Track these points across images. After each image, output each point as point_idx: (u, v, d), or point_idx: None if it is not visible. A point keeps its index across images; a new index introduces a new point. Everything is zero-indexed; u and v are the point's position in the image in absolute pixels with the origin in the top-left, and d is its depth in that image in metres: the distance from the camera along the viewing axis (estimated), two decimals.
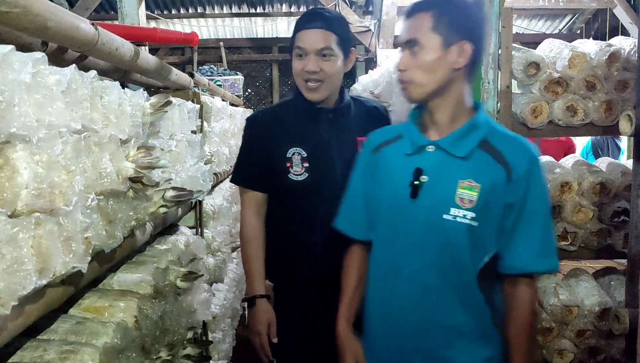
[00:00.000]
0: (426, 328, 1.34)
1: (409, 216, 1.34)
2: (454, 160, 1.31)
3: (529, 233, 1.29)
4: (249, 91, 7.27)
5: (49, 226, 0.74)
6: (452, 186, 1.29)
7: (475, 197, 1.27)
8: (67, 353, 0.85)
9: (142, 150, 1.07)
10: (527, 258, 1.30)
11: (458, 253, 1.30)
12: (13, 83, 0.66)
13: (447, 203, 1.29)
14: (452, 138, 1.32)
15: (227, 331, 2.65)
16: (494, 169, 1.28)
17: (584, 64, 2.24)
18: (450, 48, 1.27)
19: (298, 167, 1.64)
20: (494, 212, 1.29)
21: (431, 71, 1.28)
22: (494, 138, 1.32)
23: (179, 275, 1.41)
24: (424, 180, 1.32)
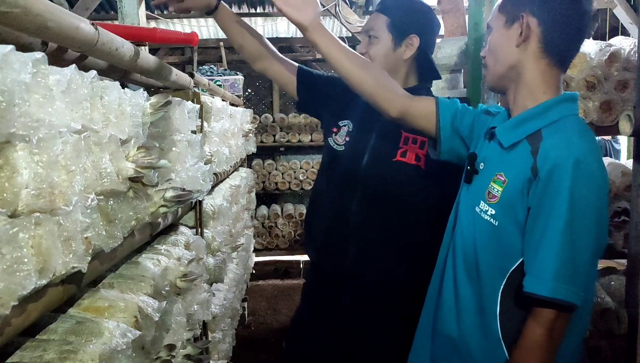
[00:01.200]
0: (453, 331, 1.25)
1: (462, 202, 1.28)
2: (500, 149, 1.19)
3: (534, 246, 1.08)
4: (249, 91, 7.26)
5: (49, 226, 0.74)
6: (490, 177, 1.18)
7: (500, 192, 1.14)
8: (67, 353, 0.85)
9: (142, 150, 1.07)
10: (528, 276, 1.09)
11: (478, 253, 1.18)
12: (13, 83, 0.66)
13: (479, 195, 1.19)
14: (507, 126, 1.19)
15: (227, 331, 2.65)
16: (524, 163, 1.11)
17: (583, 64, 2.24)
18: (513, 25, 1.14)
19: (340, 138, 1.60)
20: (518, 215, 1.11)
21: (496, 53, 1.17)
22: (550, 130, 1.12)
23: (179, 275, 1.41)
24: (481, 167, 1.23)
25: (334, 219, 1.58)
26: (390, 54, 1.56)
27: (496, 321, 1.15)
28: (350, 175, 1.56)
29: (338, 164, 1.60)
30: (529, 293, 1.08)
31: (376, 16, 1.57)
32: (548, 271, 1.05)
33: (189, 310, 1.51)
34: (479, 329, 1.19)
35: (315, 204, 1.68)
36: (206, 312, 1.72)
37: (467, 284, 1.22)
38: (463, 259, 1.23)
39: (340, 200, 1.55)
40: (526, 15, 1.13)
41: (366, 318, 1.56)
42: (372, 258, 1.53)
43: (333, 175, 1.61)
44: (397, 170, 1.53)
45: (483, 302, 1.18)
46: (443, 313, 1.29)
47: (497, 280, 1.15)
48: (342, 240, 1.54)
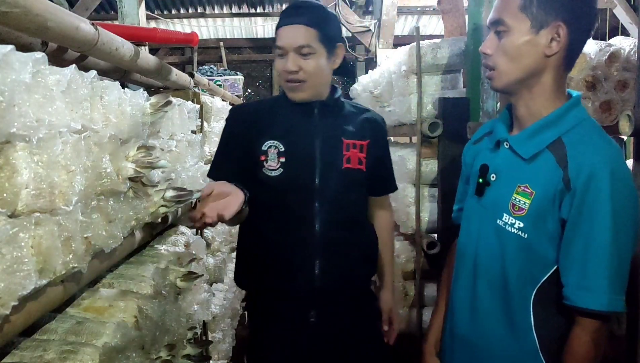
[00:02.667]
0: (472, 341, 1.24)
1: (474, 214, 1.25)
2: (519, 160, 1.15)
3: (578, 260, 1.06)
4: (249, 91, 7.26)
5: (49, 226, 0.74)
6: (511, 189, 1.14)
7: (527, 205, 1.11)
8: (67, 353, 0.85)
9: (142, 150, 1.07)
10: (573, 289, 1.08)
11: (506, 265, 1.16)
12: (13, 83, 0.66)
13: (501, 208, 1.16)
14: (523, 136, 1.15)
15: (227, 331, 2.65)
16: (552, 174, 1.09)
17: (583, 64, 2.24)
18: (541, 32, 1.08)
19: (273, 162, 1.49)
20: (550, 227, 1.10)
21: (517, 58, 1.10)
22: (570, 137, 1.10)
23: (179, 275, 1.41)
24: (493, 179, 1.20)
25: (295, 240, 1.50)
26: (326, 67, 1.50)
27: (532, 332, 1.14)
28: (304, 193, 1.50)
29: (282, 188, 1.50)
30: (582, 309, 1.07)
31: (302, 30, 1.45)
32: (602, 285, 1.05)
33: (189, 310, 1.51)
34: (512, 340, 1.18)
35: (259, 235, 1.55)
36: (206, 312, 1.72)
37: (490, 296, 1.21)
38: (485, 272, 1.21)
39: (299, 220, 1.49)
40: (559, 23, 1.08)
41: (336, 330, 1.55)
42: (339, 268, 1.52)
43: (278, 202, 1.51)
44: (346, 177, 1.53)
45: (512, 313, 1.17)
46: (459, 324, 1.29)
47: (527, 290, 1.15)
48: (307, 258, 1.49)
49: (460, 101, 2.40)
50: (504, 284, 1.17)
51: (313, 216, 1.49)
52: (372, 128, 1.61)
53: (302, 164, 1.51)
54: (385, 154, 1.68)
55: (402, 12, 6.60)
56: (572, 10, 1.09)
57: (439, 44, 2.61)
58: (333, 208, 1.51)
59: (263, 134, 1.52)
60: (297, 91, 1.50)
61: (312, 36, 1.45)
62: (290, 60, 1.45)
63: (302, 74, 1.46)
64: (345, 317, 1.56)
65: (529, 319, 1.14)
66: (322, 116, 1.55)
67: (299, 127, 1.53)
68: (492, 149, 1.24)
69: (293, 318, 1.53)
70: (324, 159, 1.51)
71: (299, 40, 1.44)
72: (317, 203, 1.50)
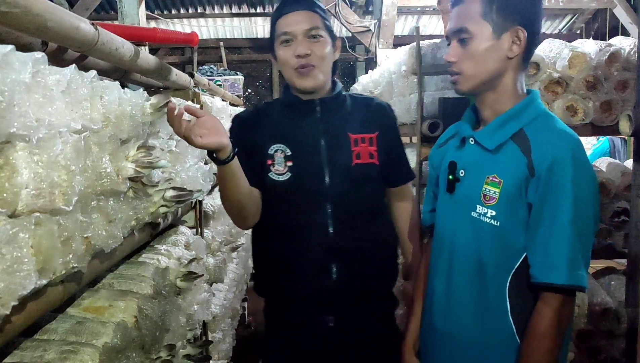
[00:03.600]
0: (449, 332, 1.28)
1: (447, 211, 1.30)
2: (486, 153, 1.22)
3: (543, 239, 1.14)
4: (249, 91, 7.27)
5: (49, 226, 0.74)
6: (480, 182, 1.21)
7: (497, 194, 1.18)
8: (67, 353, 0.85)
9: (142, 150, 1.07)
10: (537, 267, 1.15)
11: (482, 255, 1.21)
12: (13, 83, 0.66)
13: (474, 200, 1.22)
14: (487, 130, 1.23)
15: (227, 331, 2.65)
16: (518, 162, 1.16)
17: (584, 64, 2.25)
18: (503, 36, 1.17)
19: (280, 166, 1.46)
20: (520, 213, 1.17)
21: (482, 62, 1.18)
22: (532, 129, 1.19)
23: (179, 275, 1.41)
24: (462, 174, 1.26)
25: (310, 245, 1.46)
26: (331, 55, 1.49)
27: (508, 317, 1.19)
28: (315, 195, 1.46)
29: (292, 193, 1.46)
30: (544, 284, 1.13)
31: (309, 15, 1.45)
32: (562, 260, 1.12)
33: (189, 310, 1.51)
34: (488, 327, 1.22)
35: (273, 242, 1.52)
36: (206, 312, 1.72)
37: (466, 287, 1.25)
38: (462, 264, 1.26)
39: (312, 224, 1.45)
40: (519, 27, 1.16)
41: (355, 335, 1.52)
42: (357, 270, 1.48)
43: (289, 207, 1.47)
44: (358, 174, 1.48)
45: (488, 301, 1.21)
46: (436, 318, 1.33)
47: (503, 278, 1.20)
48: (323, 263, 1.46)
49: (460, 101, 2.40)
50: (480, 274, 1.22)
51: (326, 219, 1.45)
52: (380, 117, 1.56)
53: (310, 166, 1.47)
54: (396, 141, 1.62)
55: (402, 12, 6.61)
56: (528, 14, 1.18)
57: (439, 44, 2.61)
58: (346, 208, 1.47)
59: (268, 138, 1.49)
60: (308, 77, 1.45)
61: (319, 21, 1.45)
62: (301, 44, 1.42)
63: (313, 58, 1.43)
64: (364, 321, 1.52)
65: (505, 306, 1.19)
66: (325, 114, 1.51)
67: (304, 127, 1.50)
68: (458, 147, 1.31)
69: (311, 324, 1.50)
70: (332, 158, 1.47)
71: (309, 23, 1.42)
72: (329, 204, 1.45)
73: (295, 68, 1.44)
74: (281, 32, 1.45)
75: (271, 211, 1.50)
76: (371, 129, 1.52)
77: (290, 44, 1.43)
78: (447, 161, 1.32)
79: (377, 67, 4.14)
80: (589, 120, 2.26)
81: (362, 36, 6.10)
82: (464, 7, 1.20)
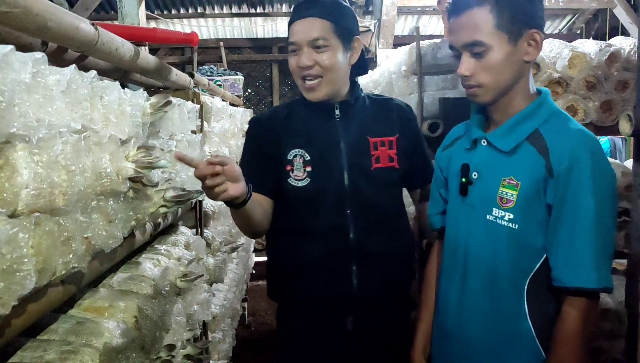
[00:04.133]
0: (464, 336, 1.26)
1: (460, 214, 1.27)
2: (500, 155, 1.20)
3: (565, 241, 1.11)
4: (249, 91, 7.26)
5: (49, 226, 0.74)
6: (496, 184, 1.18)
7: (515, 196, 1.15)
8: (67, 353, 0.85)
9: (142, 150, 1.07)
10: (562, 269, 1.12)
11: (498, 258, 1.19)
12: (13, 83, 0.66)
13: (489, 203, 1.19)
14: (501, 131, 1.20)
15: (227, 331, 2.65)
16: (535, 164, 1.14)
17: (584, 64, 2.25)
18: (518, 41, 1.14)
19: (299, 172, 1.44)
20: (538, 214, 1.15)
21: (502, 71, 1.15)
22: (547, 129, 1.16)
23: (179, 275, 1.41)
24: (475, 176, 1.24)
25: (330, 250, 1.45)
26: (343, 62, 1.43)
27: (527, 320, 1.17)
28: (335, 200, 1.44)
29: (311, 198, 1.45)
30: (572, 288, 1.11)
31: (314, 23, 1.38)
32: (590, 263, 1.10)
33: (189, 310, 1.51)
34: (506, 331, 1.20)
35: (292, 247, 1.50)
36: (206, 312, 1.72)
37: (481, 290, 1.23)
38: (477, 268, 1.23)
39: (333, 229, 1.44)
40: (534, 30, 1.14)
41: (374, 339, 1.51)
42: (377, 274, 1.47)
43: (309, 213, 1.46)
44: (378, 178, 1.47)
45: (506, 304, 1.19)
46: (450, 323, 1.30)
47: (520, 281, 1.18)
48: (343, 265, 1.45)
49: (460, 101, 2.40)
50: (496, 277, 1.20)
51: (346, 224, 1.44)
52: (399, 119, 1.53)
53: (329, 171, 1.45)
54: (418, 142, 1.58)
55: (402, 12, 6.60)
56: (538, 15, 1.16)
57: (439, 44, 2.61)
58: (366, 213, 1.46)
59: (287, 142, 1.47)
60: (314, 90, 1.43)
61: (326, 28, 1.38)
62: (305, 55, 1.39)
63: (317, 69, 1.39)
64: (382, 325, 1.51)
65: (522, 309, 1.17)
66: (344, 117, 1.48)
67: (322, 132, 1.47)
68: (468, 149, 1.28)
69: (330, 328, 1.49)
70: (352, 163, 1.45)
71: (312, 33, 1.37)
72: (349, 210, 1.44)
73: (302, 78, 1.43)
74: (289, 40, 1.43)
75: (291, 216, 1.49)
76: (390, 131, 1.50)
77: (297, 53, 1.41)
78: (455, 163, 1.30)
79: (377, 67, 4.14)
80: (589, 120, 2.26)
81: (362, 36, 6.09)
82: (470, 18, 1.15)
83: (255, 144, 1.54)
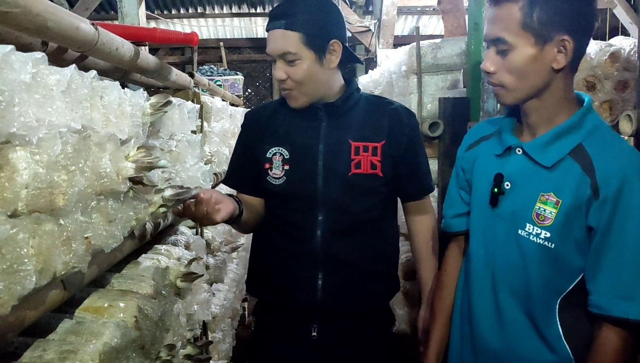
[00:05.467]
0: (502, 353, 1.21)
1: (488, 224, 1.20)
2: (539, 168, 1.12)
3: (612, 268, 1.05)
4: (249, 91, 7.26)
5: (49, 226, 0.74)
6: (532, 199, 1.11)
7: (554, 214, 1.08)
8: (67, 353, 0.85)
9: (142, 150, 1.07)
10: (606, 298, 1.06)
11: (530, 275, 1.13)
12: (13, 83, 0.66)
13: (523, 218, 1.12)
14: (540, 142, 1.12)
15: (227, 331, 2.65)
16: (580, 182, 1.06)
17: (584, 64, 2.25)
18: (546, 46, 1.05)
19: (277, 170, 1.42)
20: (577, 235, 1.08)
21: (525, 75, 1.08)
22: (592, 143, 1.08)
23: (179, 275, 1.41)
24: (507, 187, 1.16)
25: (297, 252, 1.43)
26: (318, 70, 1.38)
27: (562, 342, 1.13)
28: (307, 202, 1.41)
29: (285, 198, 1.44)
30: (619, 318, 1.06)
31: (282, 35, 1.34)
32: (638, 294, 1.05)
33: (189, 310, 1.51)
34: (545, 351, 1.15)
35: (266, 244, 1.51)
36: (206, 312, 1.72)
37: (514, 307, 1.18)
38: (506, 282, 1.19)
39: (301, 231, 1.42)
40: (564, 36, 1.05)
41: (339, 349, 1.47)
42: (344, 281, 1.42)
43: (282, 211, 1.45)
44: (355, 184, 1.41)
45: (538, 323, 1.15)
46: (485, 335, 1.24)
47: (552, 300, 1.13)
48: (309, 270, 1.41)
49: (461, 101, 2.40)
50: (527, 294, 1.15)
51: (315, 227, 1.41)
52: (391, 125, 1.45)
53: (304, 172, 1.42)
54: (411, 151, 1.48)
55: (402, 12, 6.60)
56: (575, 19, 1.06)
57: (439, 44, 2.61)
58: (338, 218, 1.41)
59: (269, 139, 1.45)
60: (291, 100, 1.42)
61: (294, 41, 1.33)
62: (278, 68, 1.38)
63: (289, 82, 1.37)
64: (348, 335, 1.47)
65: (556, 329, 1.13)
66: (328, 118, 1.44)
67: (303, 132, 1.44)
68: (500, 155, 1.20)
69: (294, 331, 1.47)
70: (328, 166, 1.41)
71: (281, 47, 1.34)
72: (320, 213, 1.41)
73: (280, 88, 1.43)
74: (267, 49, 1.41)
75: (268, 213, 1.49)
76: (376, 137, 1.43)
77: (276, 63, 1.40)
78: (482, 167, 1.23)
79: (377, 67, 4.14)
80: None
81: (362, 36, 6.10)
82: (501, 14, 1.08)
83: (242, 141, 1.55)
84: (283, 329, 1.49)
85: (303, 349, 1.47)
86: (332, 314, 1.44)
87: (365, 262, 1.45)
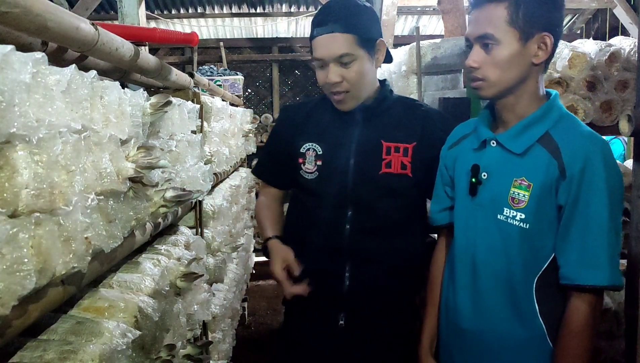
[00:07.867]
0: (478, 334, 1.28)
1: (470, 214, 1.29)
2: (511, 156, 1.22)
3: (578, 240, 1.15)
4: (249, 91, 7.26)
5: (49, 226, 0.74)
6: (507, 184, 1.21)
7: (527, 197, 1.18)
8: (67, 353, 0.85)
9: (142, 150, 1.07)
10: (574, 268, 1.15)
11: (509, 257, 1.22)
12: (13, 83, 0.66)
13: (500, 203, 1.22)
14: (512, 133, 1.23)
15: (227, 331, 2.65)
16: (548, 166, 1.17)
17: (584, 64, 2.25)
18: (528, 42, 1.16)
19: (310, 165, 1.48)
20: (549, 215, 1.18)
21: (508, 69, 1.17)
22: (558, 131, 1.19)
23: (179, 275, 1.41)
24: (484, 177, 1.26)
25: (326, 245, 1.48)
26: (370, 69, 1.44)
27: (538, 319, 1.21)
28: (337, 198, 1.46)
29: (317, 192, 1.49)
30: (586, 286, 1.14)
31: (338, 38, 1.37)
32: (604, 261, 1.14)
33: (189, 310, 1.51)
34: (519, 329, 1.23)
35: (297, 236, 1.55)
36: (206, 312, 1.72)
37: (493, 289, 1.25)
38: (487, 267, 1.26)
39: (331, 225, 1.47)
40: (545, 34, 1.16)
41: (365, 339, 1.51)
42: (370, 276, 1.47)
43: (314, 205, 1.50)
44: (384, 183, 1.45)
45: (517, 303, 1.22)
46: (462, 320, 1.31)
47: (530, 279, 1.21)
48: (337, 263, 1.47)
49: (460, 101, 2.40)
50: (507, 276, 1.22)
51: (344, 222, 1.45)
52: (424, 128, 1.49)
53: (336, 169, 1.47)
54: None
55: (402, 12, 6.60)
56: (554, 20, 1.19)
57: (439, 44, 2.61)
58: (366, 215, 1.46)
59: (303, 135, 1.51)
60: (343, 103, 1.45)
61: (351, 42, 1.37)
62: (332, 72, 1.39)
63: (345, 84, 1.40)
64: (374, 328, 1.51)
65: (533, 307, 1.20)
66: (364, 118, 1.48)
67: (339, 129, 1.49)
68: (477, 149, 1.30)
69: (323, 319, 1.52)
70: (358, 165, 1.45)
71: (337, 50, 1.37)
72: (349, 209, 1.45)
73: (330, 92, 1.45)
74: (314, 56, 1.43)
75: (301, 206, 1.56)
76: (409, 138, 1.47)
77: (324, 68, 1.42)
78: (462, 162, 1.32)
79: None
80: (589, 121, 2.26)
81: None
82: (487, 12, 1.17)
83: (277, 134, 1.62)
84: (312, 317, 1.54)
85: (331, 337, 1.51)
86: (359, 306, 1.49)
87: (391, 260, 1.49)
